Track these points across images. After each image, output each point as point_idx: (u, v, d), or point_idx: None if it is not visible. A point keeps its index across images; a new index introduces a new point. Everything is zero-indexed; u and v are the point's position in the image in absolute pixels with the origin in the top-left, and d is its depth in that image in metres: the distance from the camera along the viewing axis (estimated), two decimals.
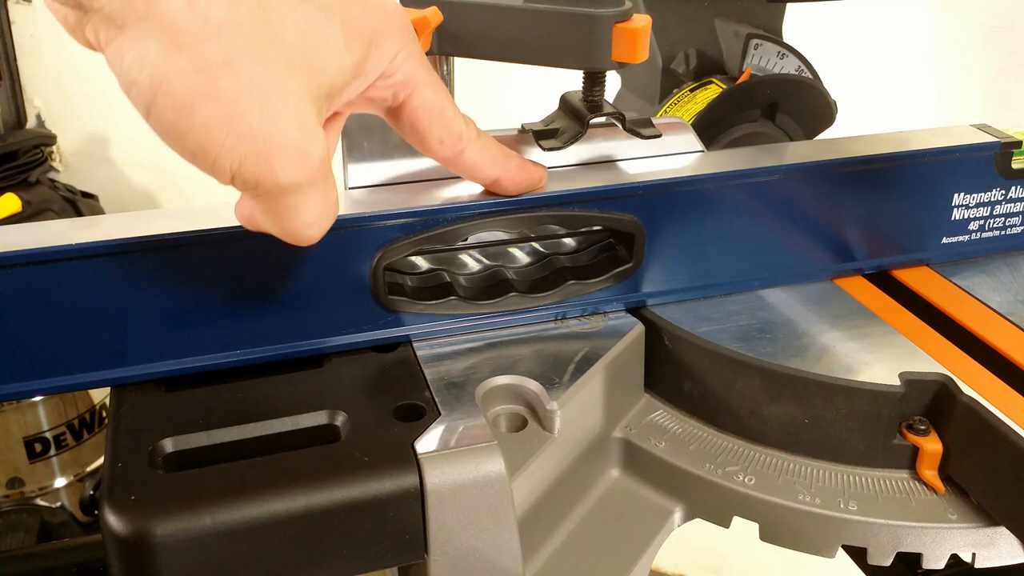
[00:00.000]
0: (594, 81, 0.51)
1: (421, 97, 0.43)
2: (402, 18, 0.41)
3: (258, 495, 0.38)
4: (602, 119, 0.51)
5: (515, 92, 1.36)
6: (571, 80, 0.52)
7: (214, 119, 0.34)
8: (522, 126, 0.52)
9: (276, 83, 0.35)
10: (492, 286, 0.51)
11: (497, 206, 0.48)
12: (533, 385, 0.46)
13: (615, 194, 0.49)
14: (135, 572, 0.37)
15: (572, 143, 0.51)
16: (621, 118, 0.51)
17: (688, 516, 0.48)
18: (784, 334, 0.50)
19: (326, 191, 0.38)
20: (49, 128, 1.87)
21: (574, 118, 0.52)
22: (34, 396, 0.59)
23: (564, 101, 0.53)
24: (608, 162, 0.52)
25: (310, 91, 0.36)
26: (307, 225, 0.38)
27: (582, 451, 0.47)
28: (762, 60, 0.66)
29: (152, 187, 1.87)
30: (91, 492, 1.44)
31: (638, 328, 0.51)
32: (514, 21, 0.47)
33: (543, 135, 0.51)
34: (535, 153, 0.51)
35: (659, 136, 0.52)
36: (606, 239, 0.53)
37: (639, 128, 0.52)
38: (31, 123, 1.86)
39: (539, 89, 0.68)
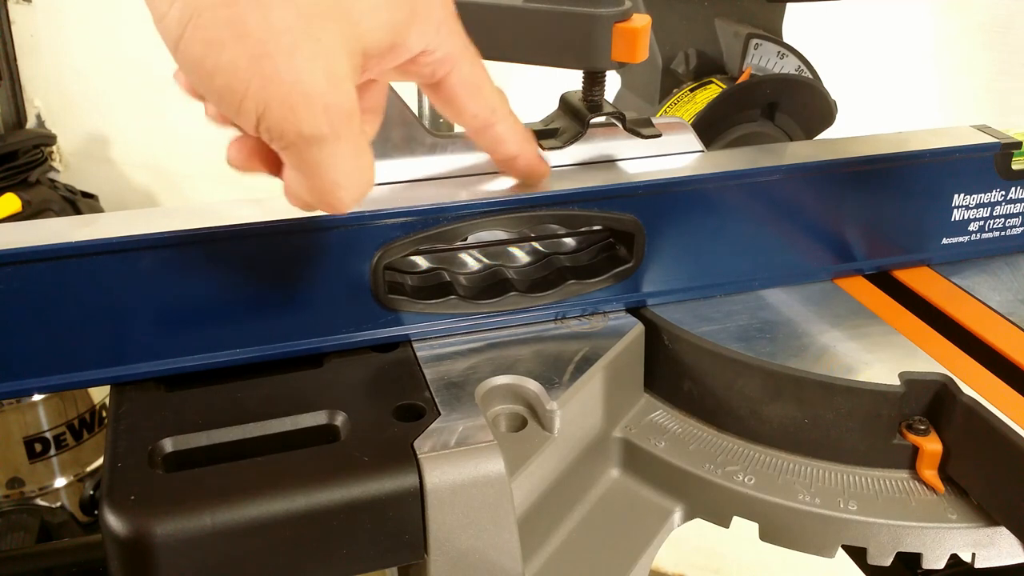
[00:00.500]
0: (594, 81, 0.51)
1: (459, 75, 0.42)
2: None
3: (258, 495, 0.38)
4: (602, 119, 0.51)
5: (515, 92, 1.36)
6: (571, 80, 0.52)
7: (241, 59, 0.33)
8: None
9: (307, 29, 0.34)
10: (492, 285, 0.51)
11: (497, 205, 0.48)
12: (533, 385, 0.46)
13: (615, 194, 0.49)
14: (135, 572, 0.37)
15: (572, 143, 0.51)
16: (621, 118, 0.51)
17: (688, 516, 0.48)
18: (784, 334, 0.50)
19: (356, 150, 0.37)
20: (49, 128, 1.87)
21: (574, 118, 0.52)
22: (34, 394, 0.59)
23: (564, 101, 0.53)
24: (608, 162, 0.52)
25: (344, 43, 0.35)
26: (337, 185, 0.37)
27: (582, 451, 0.47)
28: (762, 60, 0.66)
29: (152, 187, 1.87)
30: (91, 492, 1.44)
31: (638, 328, 0.51)
32: (514, 21, 0.47)
33: (543, 135, 0.51)
34: None
35: (659, 136, 0.52)
36: (606, 239, 0.53)
37: (639, 128, 0.52)
38: (31, 123, 1.86)
39: (539, 89, 0.68)
